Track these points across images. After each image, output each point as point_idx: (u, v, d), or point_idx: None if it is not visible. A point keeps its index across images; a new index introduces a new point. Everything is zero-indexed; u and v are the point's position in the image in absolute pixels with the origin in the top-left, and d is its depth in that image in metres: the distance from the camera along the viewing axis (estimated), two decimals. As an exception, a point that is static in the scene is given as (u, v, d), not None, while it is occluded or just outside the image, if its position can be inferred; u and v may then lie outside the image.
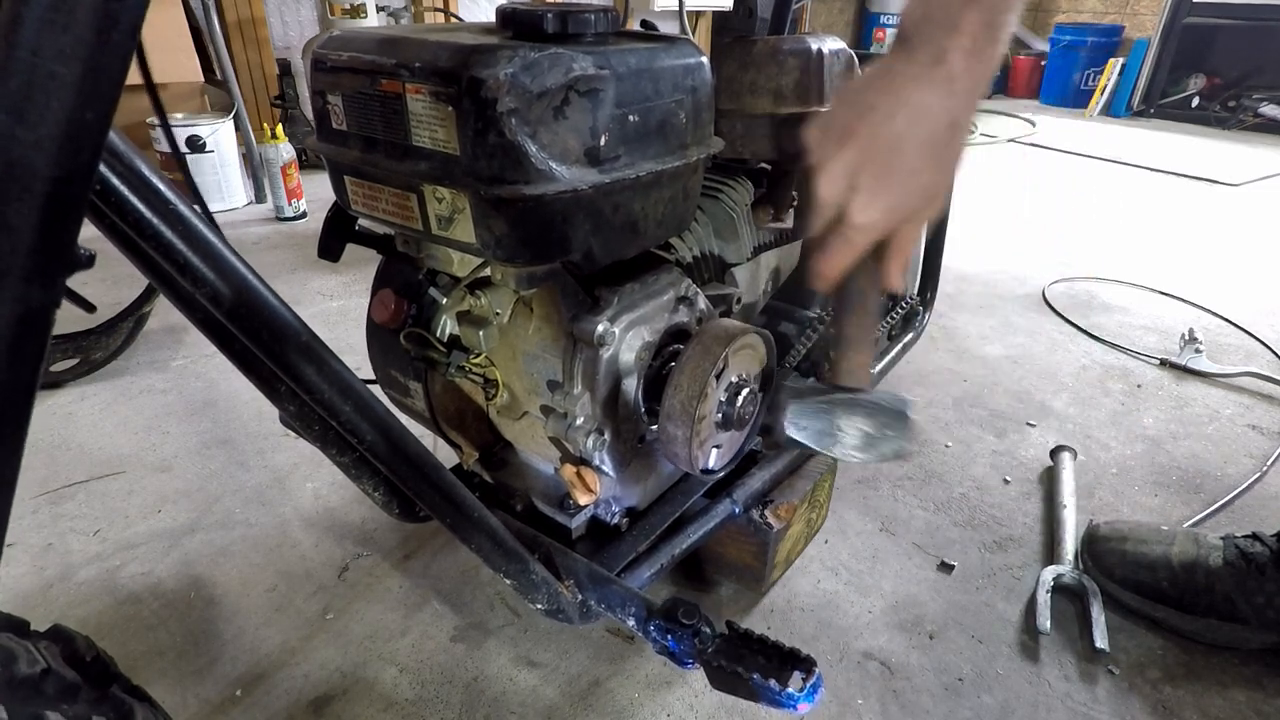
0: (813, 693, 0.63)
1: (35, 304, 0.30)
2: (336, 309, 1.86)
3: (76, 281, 0.40)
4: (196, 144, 2.40)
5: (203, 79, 2.78)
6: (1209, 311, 1.97)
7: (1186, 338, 1.69)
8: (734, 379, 0.77)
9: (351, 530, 1.13)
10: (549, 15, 0.60)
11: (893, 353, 1.33)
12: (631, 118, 0.63)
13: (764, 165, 0.98)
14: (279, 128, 2.48)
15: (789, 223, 0.99)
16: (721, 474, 0.87)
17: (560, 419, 0.74)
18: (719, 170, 0.98)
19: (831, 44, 0.86)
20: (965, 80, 0.48)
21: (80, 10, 0.27)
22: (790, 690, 0.63)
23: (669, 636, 0.71)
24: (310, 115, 0.77)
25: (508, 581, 0.71)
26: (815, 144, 0.55)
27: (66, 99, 0.28)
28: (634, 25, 0.87)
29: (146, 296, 1.51)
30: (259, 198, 2.63)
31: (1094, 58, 4.80)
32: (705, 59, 0.69)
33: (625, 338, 0.73)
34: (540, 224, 0.60)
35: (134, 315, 1.51)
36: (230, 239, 0.49)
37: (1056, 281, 2.13)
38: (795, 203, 0.99)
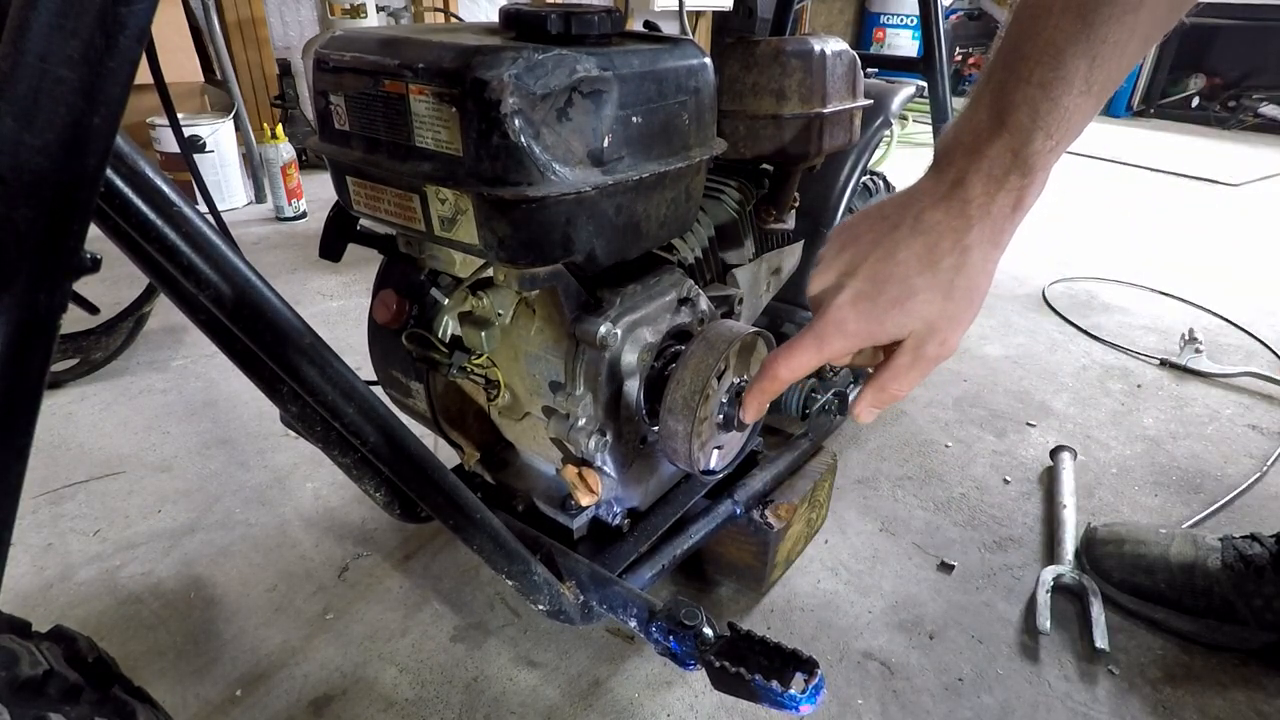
0: (815, 694, 0.63)
1: (41, 309, 0.30)
2: (336, 309, 1.86)
3: (78, 282, 0.40)
4: (196, 144, 2.39)
5: (203, 79, 2.78)
6: (1209, 311, 1.97)
7: (1186, 338, 1.69)
8: (735, 380, 0.77)
9: (351, 530, 1.13)
10: (553, 16, 0.60)
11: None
12: (635, 119, 0.63)
13: (766, 166, 0.98)
14: (279, 128, 2.47)
15: (790, 224, 0.99)
16: (722, 475, 0.87)
17: (562, 420, 0.74)
18: (721, 171, 0.98)
19: (834, 45, 0.86)
20: (982, 204, 0.47)
21: (88, 15, 0.27)
22: (792, 691, 0.63)
23: (671, 638, 0.71)
24: (311, 115, 0.77)
25: (510, 582, 0.71)
26: (827, 244, 0.55)
27: (74, 104, 0.28)
28: (635, 26, 0.87)
29: (146, 296, 1.51)
30: (259, 198, 2.63)
31: (1094, 58, 4.80)
32: (708, 60, 0.69)
33: (627, 339, 0.73)
34: (543, 225, 0.60)
35: (134, 315, 1.51)
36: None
37: (1056, 281, 2.13)
38: (797, 204, 0.99)
